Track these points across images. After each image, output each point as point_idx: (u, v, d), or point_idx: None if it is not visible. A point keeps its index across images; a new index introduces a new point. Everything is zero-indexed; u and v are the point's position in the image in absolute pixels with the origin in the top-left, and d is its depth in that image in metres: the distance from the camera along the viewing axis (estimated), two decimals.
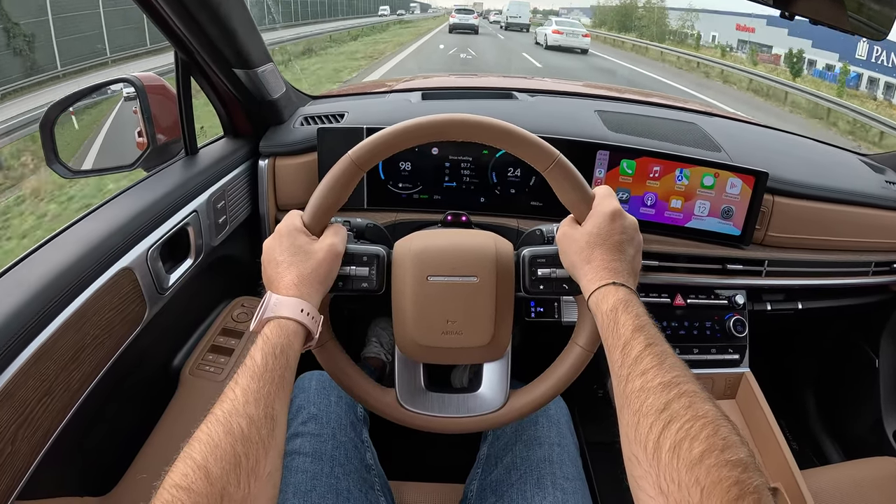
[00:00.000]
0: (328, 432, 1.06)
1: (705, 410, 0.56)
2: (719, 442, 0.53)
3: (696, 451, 0.52)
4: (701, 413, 0.56)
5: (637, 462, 0.57)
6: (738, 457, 0.52)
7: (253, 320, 0.75)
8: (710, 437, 0.53)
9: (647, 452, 0.56)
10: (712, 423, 0.55)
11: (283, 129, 1.49)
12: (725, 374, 1.52)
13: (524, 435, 1.09)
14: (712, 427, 0.54)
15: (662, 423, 0.57)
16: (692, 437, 0.53)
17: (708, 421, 0.55)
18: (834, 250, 1.59)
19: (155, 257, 1.06)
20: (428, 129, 0.86)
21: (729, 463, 0.51)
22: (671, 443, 0.54)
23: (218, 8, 1.05)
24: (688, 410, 0.57)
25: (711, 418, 0.55)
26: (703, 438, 0.53)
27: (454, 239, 0.92)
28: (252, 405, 0.62)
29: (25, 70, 11.15)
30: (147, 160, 1.25)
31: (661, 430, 0.56)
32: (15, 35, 11.04)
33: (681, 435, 0.54)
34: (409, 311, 0.87)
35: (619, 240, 0.81)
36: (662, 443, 0.55)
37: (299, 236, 0.82)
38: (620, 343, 0.69)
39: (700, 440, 0.53)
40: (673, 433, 0.55)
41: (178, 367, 1.24)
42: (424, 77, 2.43)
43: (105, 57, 14.01)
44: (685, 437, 0.54)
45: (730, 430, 0.55)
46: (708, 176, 1.39)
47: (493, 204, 1.43)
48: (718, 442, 0.53)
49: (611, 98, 1.98)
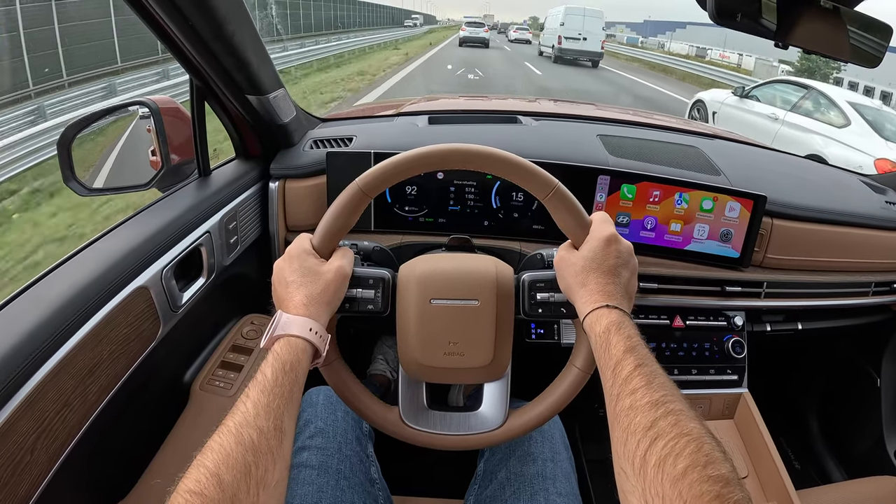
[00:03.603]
0: (334, 446, 1.08)
1: (690, 428, 0.59)
2: (702, 458, 0.55)
3: (679, 467, 0.55)
4: (686, 431, 0.59)
5: (626, 476, 0.60)
6: (719, 472, 0.54)
7: (263, 337, 0.78)
8: (693, 453, 0.56)
9: (634, 467, 0.59)
10: (696, 440, 0.58)
11: (293, 152, 1.52)
12: (724, 395, 1.53)
13: (518, 451, 1.12)
14: (696, 444, 0.57)
15: (649, 440, 0.59)
16: (676, 454, 0.56)
17: (692, 438, 0.58)
18: (834, 271, 1.60)
19: (169, 276, 1.10)
20: (433, 159, 0.89)
21: (711, 478, 0.53)
22: (657, 459, 0.57)
23: (232, 38, 1.08)
24: (673, 428, 0.59)
25: (696, 436, 0.58)
26: (686, 455, 0.56)
27: (457, 263, 0.95)
28: (262, 417, 0.65)
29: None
30: (161, 180, 1.28)
31: (648, 446, 0.59)
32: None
33: (665, 451, 0.57)
34: (413, 332, 0.91)
35: (613, 264, 0.85)
36: (649, 458, 0.58)
37: (309, 258, 0.86)
38: (612, 363, 0.72)
39: (684, 456, 0.56)
40: (658, 449, 0.58)
41: (189, 381, 1.27)
42: (431, 98, 2.46)
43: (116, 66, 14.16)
44: (670, 453, 0.57)
45: (713, 447, 0.57)
46: (707, 200, 1.41)
47: (496, 227, 1.45)
48: (701, 458, 0.56)
49: (613, 121, 2.00)
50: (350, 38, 26.40)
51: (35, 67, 11.62)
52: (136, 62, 14.52)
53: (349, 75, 15.33)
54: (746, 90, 8.61)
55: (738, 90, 8.76)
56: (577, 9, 24.18)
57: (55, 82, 11.96)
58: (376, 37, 32.60)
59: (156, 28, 1.05)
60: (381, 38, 32.57)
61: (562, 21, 23.83)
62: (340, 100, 11.44)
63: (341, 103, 11.06)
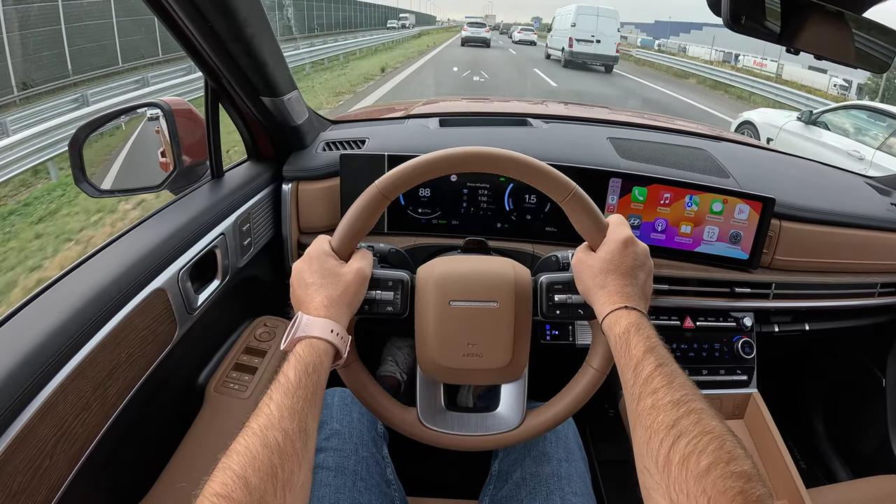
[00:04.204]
0: (350, 447, 1.09)
1: (712, 426, 0.60)
2: (725, 455, 0.57)
3: (703, 464, 0.56)
4: (708, 429, 0.60)
5: (649, 474, 0.61)
6: (742, 468, 0.55)
7: (284, 339, 0.79)
8: (716, 450, 0.57)
9: (658, 465, 0.60)
10: (718, 437, 0.59)
11: (306, 154, 1.53)
12: (734, 395, 1.55)
13: (533, 451, 1.13)
14: (718, 441, 0.58)
15: (672, 438, 0.60)
16: (699, 451, 0.57)
17: (714, 436, 0.59)
18: (840, 272, 1.61)
19: (185, 278, 1.10)
20: (452, 161, 0.90)
21: (734, 474, 0.55)
22: (680, 456, 0.58)
23: (252, 40, 1.09)
24: (696, 426, 0.60)
25: (718, 433, 0.59)
26: (709, 452, 0.57)
27: (475, 265, 0.96)
28: (287, 420, 0.65)
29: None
30: (174, 182, 1.29)
31: (671, 444, 0.60)
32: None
33: (689, 449, 0.58)
34: (432, 333, 0.92)
35: (631, 266, 0.86)
36: (672, 456, 0.59)
37: (328, 260, 0.87)
38: (632, 364, 0.73)
39: (707, 454, 0.57)
40: (682, 447, 0.59)
41: (204, 384, 1.27)
42: (439, 101, 2.47)
43: (118, 66, 14.15)
44: (693, 450, 0.58)
45: (735, 444, 0.58)
46: (717, 202, 1.42)
47: (509, 229, 1.46)
48: (724, 455, 0.57)
49: (622, 124, 2.02)
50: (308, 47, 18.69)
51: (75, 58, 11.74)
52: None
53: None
54: (814, 115, 7.38)
55: (805, 114, 7.48)
56: (590, 8, 22.23)
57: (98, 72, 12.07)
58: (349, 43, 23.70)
59: (174, 29, 1.05)
60: (357, 43, 24.67)
61: (573, 21, 21.80)
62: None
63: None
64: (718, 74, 20.81)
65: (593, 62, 22.25)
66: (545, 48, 28.27)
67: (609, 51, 21.75)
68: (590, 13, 21.94)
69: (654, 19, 68.57)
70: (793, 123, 7.58)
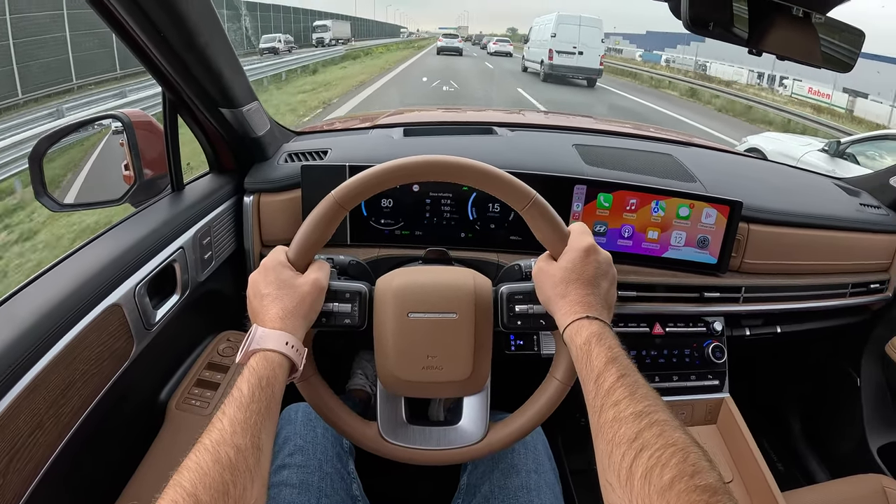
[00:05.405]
0: (314, 464, 1.08)
1: (675, 438, 0.60)
2: (689, 468, 0.56)
3: (666, 478, 0.55)
4: (671, 441, 0.59)
5: (612, 489, 0.61)
6: (706, 482, 0.55)
7: (239, 352, 0.78)
8: (679, 463, 0.56)
9: (620, 480, 0.59)
10: (682, 450, 0.58)
11: (268, 165, 1.52)
12: (706, 400, 1.55)
13: (501, 463, 1.12)
14: (682, 454, 0.57)
15: (634, 451, 0.60)
16: (662, 465, 0.57)
17: (678, 448, 0.58)
18: (811, 274, 1.64)
19: (142, 293, 1.09)
20: (409, 170, 0.90)
21: (698, 488, 0.54)
22: (643, 470, 0.57)
23: (205, 50, 1.08)
24: (658, 439, 0.60)
25: (681, 445, 0.59)
26: (672, 465, 0.56)
27: (434, 276, 0.96)
28: (239, 435, 0.65)
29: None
30: (135, 195, 1.28)
31: (633, 458, 0.59)
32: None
33: (652, 462, 0.58)
34: (391, 346, 0.91)
35: (593, 274, 0.85)
36: (635, 470, 0.58)
37: (284, 271, 0.86)
38: (594, 375, 0.72)
39: (670, 467, 0.56)
40: (644, 461, 0.58)
41: (165, 401, 1.26)
42: (407, 111, 2.47)
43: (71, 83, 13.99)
44: (656, 464, 0.57)
45: (699, 457, 0.58)
46: (683, 207, 1.44)
47: (473, 239, 1.45)
48: (688, 468, 0.56)
49: (588, 130, 2.03)
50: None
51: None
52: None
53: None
54: (842, 146, 6.58)
55: (832, 145, 6.68)
56: (572, 17, 20.98)
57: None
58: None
59: (127, 39, 1.04)
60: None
61: (553, 31, 20.52)
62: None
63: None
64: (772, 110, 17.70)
65: (575, 75, 21.09)
66: (522, 60, 26.88)
67: (592, 63, 20.55)
68: (571, 22, 20.81)
69: (646, 30, 66.07)
70: (814, 154, 6.82)
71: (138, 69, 9.51)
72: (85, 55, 14.65)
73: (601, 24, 21.33)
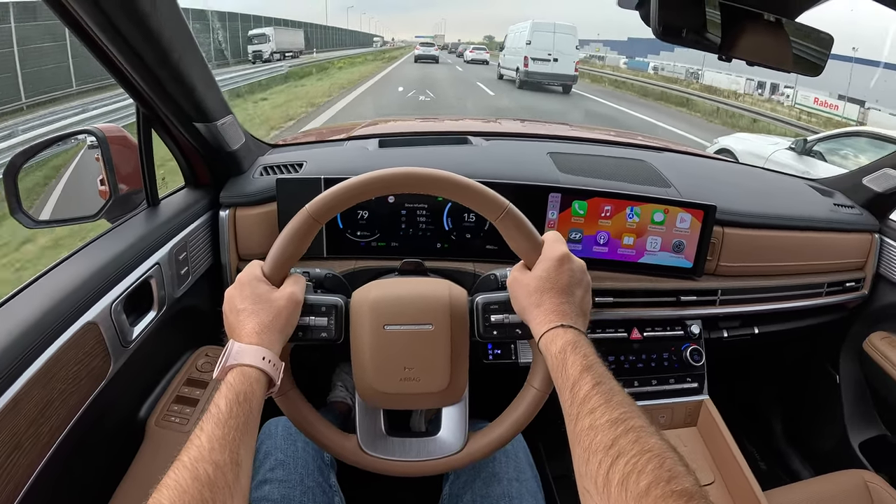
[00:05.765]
0: (296, 478, 1.09)
1: (651, 444, 0.61)
2: (665, 474, 0.57)
3: (642, 484, 0.56)
4: (647, 447, 0.60)
5: (589, 496, 0.61)
6: (682, 486, 0.55)
7: (216, 368, 0.79)
8: (655, 469, 0.57)
9: (597, 487, 0.60)
10: (658, 456, 0.59)
11: (243, 179, 1.51)
12: (685, 403, 1.57)
13: (483, 472, 1.13)
14: (658, 460, 0.58)
15: (611, 458, 0.61)
16: (639, 471, 0.57)
17: (654, 454, 0.59)
18: (786, 275, 1.67)
19: (119, 310, 1.09)
20: (382, 183, 0.91)
21: (674, 493, 0.54)
22: (619, 477, 0.58)
23: (178, 64, 1.08)
24: (634, 445, 0.61)
25: (657, 451, 0.60)
26: (649, 471, 0.57)
27: (409, 288, 0.97)
28: (218, 451, 0.65)
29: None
30: (110, 211, 1.27)
31: (610, 465, 0.60)
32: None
33: (628, 469, 0.58)
34: (368, 359, 0.92)
35: (567, 283, 0.86)
36: (612, 477, 0.59)
37: (260, 285, 0.87)
38: (569, 383, 0.73)
39: (646, 473, 0.57)
40: (621, 468, 0.59)
41: (144, 418, 1.26)
42: (382, 121, 2.48)
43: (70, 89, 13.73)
44: (632, 470, 0.58)
45: (675, 462, 0.59)
46: (658, 212, 1.46)
47: (449, 249, 1.46)
48: (664, 474, 0.57)
49: (563, 138, 2.05)
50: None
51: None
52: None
53: None
54: (808, 144, 6.76)
55: (800, 143, 6.85)
56: (547, 24, 21.23)
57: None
58: None
59: (99, 55, 1.04)
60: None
61: (528, 39, 20.75)
62: None
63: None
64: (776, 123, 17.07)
65: (551, 82, 21.33)
66: (497, 67, 26.65)
67: (568, 70, 20.88)
68: (546, 30, 21.05)
69: (628, 36, 65.26)
70: (782, 153, 7.00)
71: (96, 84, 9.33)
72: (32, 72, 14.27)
73: (575, 31, 21.67)
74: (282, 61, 30.09)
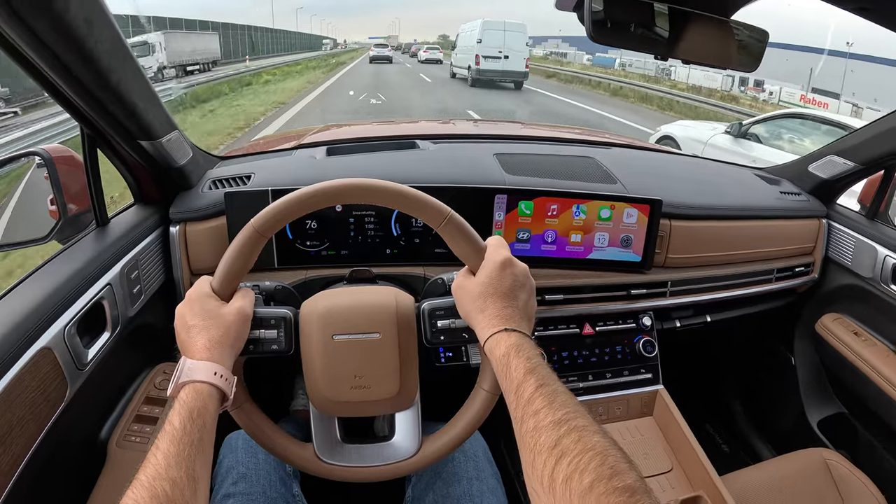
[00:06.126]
0: (258, 490, 1.10)
1: (594, 443, 0.62)
2: (607, 471, 0.58)
3: (585, 482, 0.58)
4: (589, 446, 0.62)
5: (537, 496, 0.63)
6: (625, 483, 0.57)
7: (170, 385, 0.80)
8: (598, 467, 0.59)
9: (544, 486, 0.62)
10: (600, 454, 0.60)
11: (192, 194, 1.51)
12: (640, 394, 1.61)
13: (443, 473, 1.16)
14: (600, 458, 0.60)
15: (555, 458, 0.62)
16: (581, 470, 0.59)
17: (596, 452, 0.61)
18: (736, 263, 1.72)
19: (72, 334, 1.09)
20: (325, 196, 0.92)
21: (617, 489, 0.56)
22: (563, 476, 0.60)
23: (118, 85, 1.07)
24: (577, 444, 0.63)
25: (600, 449, 0.61)
26: (591, 469, 0.59)
27: (356, 297, 1.00)
28: (174, 468, 0.67)
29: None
30: (60, 232, 1.26)
31: (554, 464, 0.62)
32: None
33: (571, 468, 0.60)
34: (318, 369, 0.94)
35: (510, 287, 0.88)
36: (556, 476, 0.61)
37: (209, 301, 0.88)
38: (514, 386, 0.75)
39: (589, 471, 0.59)
40: (564, 467, 0.60)
41: (106, 440, 1.25)
42: (335, 126, 2.50)
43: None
44: (575, 469, 0.59)
45: (617, 459, 0.61)
46: (604, 209, 1.49)
47: (399, 254, 1.48)
48: (606, 471, 0.58)
49: (513, 138, 2.09)
50: None
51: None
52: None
53: None
54: (744, 127, 7.05)
55: (735, 127, 7.13)
56: (497, 23, 21.99)
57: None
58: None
59: (40, 79, 1.03)
60: None
61: (479, 37, 21.57)
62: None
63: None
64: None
65: (502, 79, 22.03)
66: (450, 66, 27.41)
67: (518, 66, 21.60)
68: (496, 28, 21.78)
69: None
70: (720, 137, 7.27)
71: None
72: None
73: (525, 29, 22.38)
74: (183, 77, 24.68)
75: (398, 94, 18.81)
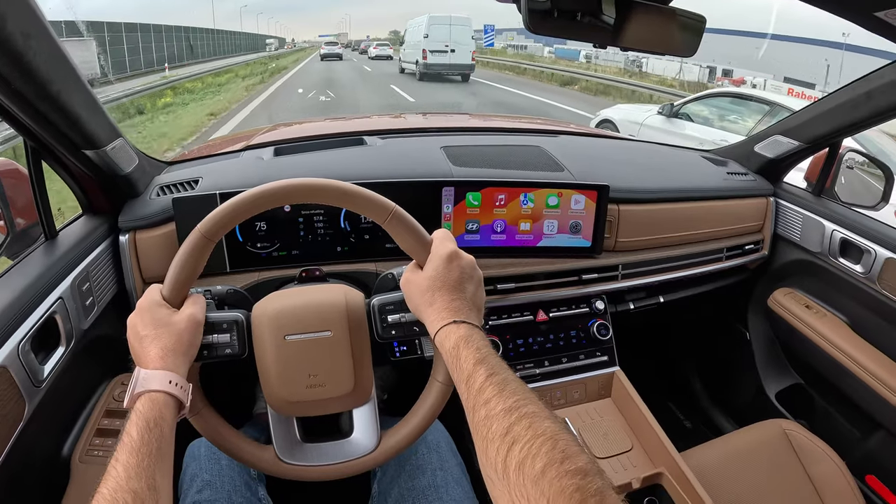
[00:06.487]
0: (223, 496, 1.12)
1: (544, 428, 0.64)
2: (558, 455, 0.60)
3: (538, 467, 0.59)
4: (540, 431, 0.63)
5: (492, 483, 0.65)
6: (576, 465, 0.58)
7: (125, 397, 0.81)
8: (549, 452, 0.60)
9: (498, 473, 0.64)
10: (551, 438, 0.62)
11: (140, 201, 1.50)
12: (597, 377, 1.64)
13: (407, 466, 1.19)
14: (551, 443, 0.61)
15: (507, 445, 0.64)
16: (533, 455, 0.60)
17: (547, 437, 0.62)
18: (686, 244, 1.77)
19: (26, 350, 1.08)
20: (270, 197, 0.94)
21: (568, 472, 0.58)
22: (516, 462, 0.61)
23: (59, 96, 1.06)
24: (528, 430, 0.64)
25: (550, 434, 0.63)
26: (542, 454, 0.60)
27: (306, 297, 1.01)
28: (134, 479, 0.68)
29: None
30: (9, 247, 1.25)
31: (507, 451, 0.63)
32: None
33: (523, 454, 0.61)
34: (273, 370, 0.96)
35: (457, 279, 0.91)
36: (509, 463, 0.62)
37: (159, 309, 0.89)
38: (464, 376, 0.77)
39: (540, 456, 0.60)
40: (516, 453, 0.62)
41: (68, 456, 1.25)
42: (284, 125, 2.49)
43: None
44: (527, 455, 0.61)
45: (568, 443, 0.62)
46: (552, 196, 1.53)
47: (349, 251, 1.50)
48: (557, 455, 0.60)
49: (460, 130, 2.11)
50: None
51: None
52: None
53: None
54: (675, 107, 7.44)
55: (666, 108, 7.53)
56: (443, 17, 22.68)
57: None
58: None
59: None
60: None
61: (426, 32, 22.21)
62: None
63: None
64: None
65: (450, 72, 22.65)
66: (399, 62, 28.00)
67: (465, 59, 22.27)
68: (443, 22, 22.44)
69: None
70: (654, 118, 7.68)
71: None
72: None
73: (470, 23, 23.13)
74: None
75: (347, 93, 18.89)
